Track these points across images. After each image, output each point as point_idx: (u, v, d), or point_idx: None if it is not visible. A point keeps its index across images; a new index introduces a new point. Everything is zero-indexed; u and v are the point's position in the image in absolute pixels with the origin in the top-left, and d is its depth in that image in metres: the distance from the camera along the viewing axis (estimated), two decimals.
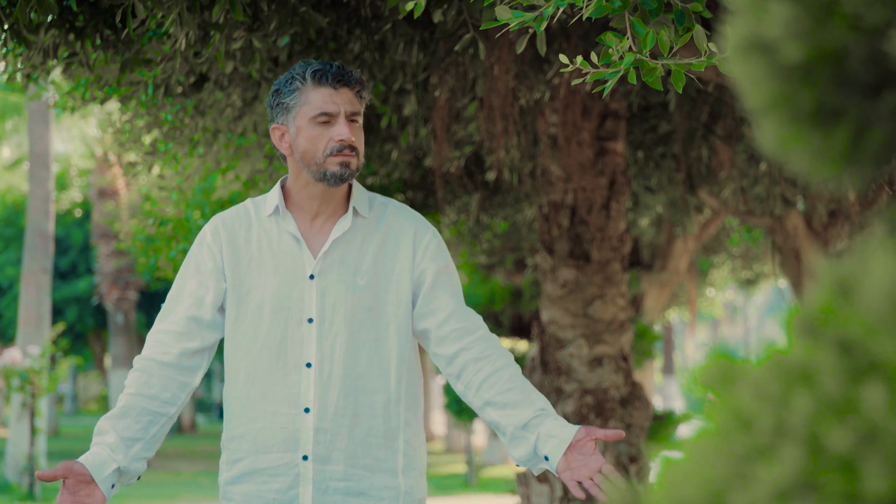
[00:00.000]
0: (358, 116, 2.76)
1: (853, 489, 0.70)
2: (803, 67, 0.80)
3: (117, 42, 4.22)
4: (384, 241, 2.80)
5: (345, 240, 2.79)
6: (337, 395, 2.72)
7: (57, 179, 21.77)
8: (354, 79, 2.77)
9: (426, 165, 6.59)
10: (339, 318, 2.74)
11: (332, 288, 2.75)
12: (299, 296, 2.76)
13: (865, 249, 0.76)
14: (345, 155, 2.72)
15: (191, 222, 8.98)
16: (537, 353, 6.20)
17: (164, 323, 2.81)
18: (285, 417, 2.73)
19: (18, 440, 14.10)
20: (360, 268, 2.77)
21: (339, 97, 2.73)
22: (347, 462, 2.72)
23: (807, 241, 8.61)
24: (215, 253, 2.81)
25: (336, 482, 2.72)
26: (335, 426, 2.72)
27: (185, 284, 2.82)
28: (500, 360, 2.75)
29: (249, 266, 2.80)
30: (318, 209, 2.81)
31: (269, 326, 2.76)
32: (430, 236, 2.84)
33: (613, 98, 6.03)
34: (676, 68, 2.56)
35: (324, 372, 2.73)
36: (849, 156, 0.81)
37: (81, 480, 2.60)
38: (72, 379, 37.28)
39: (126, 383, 2.81)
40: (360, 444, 2.73)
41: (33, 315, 14.94)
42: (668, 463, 0.78)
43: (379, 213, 2.84)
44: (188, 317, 2.78)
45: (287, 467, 2.73)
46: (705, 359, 0.80)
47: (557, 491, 5.97)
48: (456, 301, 2.80)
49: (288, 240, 2.80)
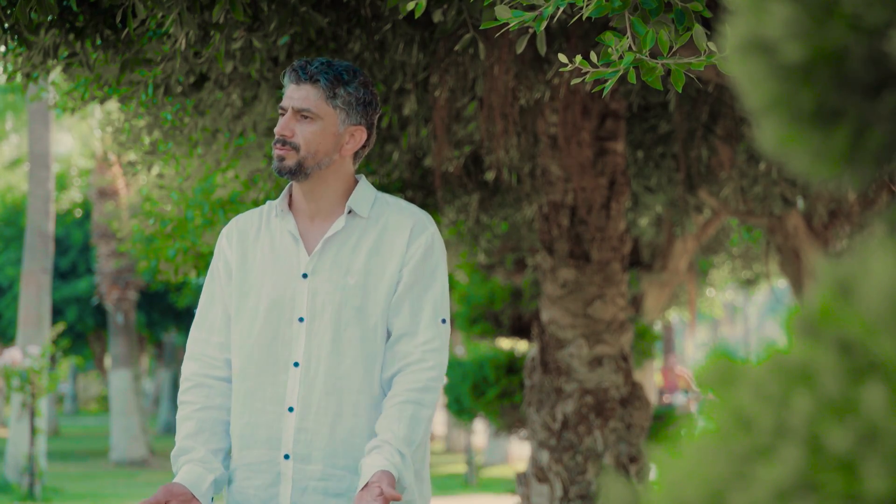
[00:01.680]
0: (309, 113, 2.73)
1: (853, 489, 0.70)
2: (803, 67, 0.80)
3: (117, 42, 4.22)
4: (379, 240, 2.79)
5: (338, 239, 2.79)
6: (319, 394, 2.73)
7: (57, 179, 21.76)
8: (312, 76, 2.74)
9: (426, 165, 6.59)
10: (326, 317, 2.74)
11: (322, 287, 2.76)
12: (292, 295, 2.77)
13: (865, 249, 0.76)
14: (276, 148, 2.75)
15: (190, 222, 8.97)
16: (537, 353, 6.20)
17: (202, 331, 2.86)
18: (270, 415, 2.74)
19: (18, 440, 14.10)
20: (351, 267, 2.76)
21: (297, 92, 2.74)
22: (326, 462, 2.72)
23: (807, 241, 8.61)
24: (227, 256, 2.85)
25: (315, 482, 2.72)
26: (316, 425, 2.72)
27: (213, 290, 2.87)
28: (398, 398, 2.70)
29: (254, 266, 2.82)
30: (310, 207, 2.82)
31: (262, 324, 2.77)
32: (423, 240, 2.79)
33: (613, 98, 6.03)
34: (676, 68, 2.56)
35: (310, 371, 2.74)
36: (849, 156, 0.81)
37: (183, 500, 2.62)
38: (72, 379, 37.26)
39: (186, 399, 2.84)
40: (341, 443, 2.72)
41: (33, 315, 14.93)
42: (668, 463, 0.78)
43: (380, 211, 2.83)
44: (224, 325, 2.84)
45: (269, 464, 2.74)
46: (705, 359, 0.80)
47: (557, 491, 5.98)
48: (413, 322, 2.75)
49: (287, 239, 2.82)
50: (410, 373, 2.72)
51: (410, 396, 2.68)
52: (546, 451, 6.03)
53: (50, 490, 13.90)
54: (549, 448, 6.02)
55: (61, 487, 14.42)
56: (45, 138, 15.50)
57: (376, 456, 2.57)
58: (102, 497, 14.09)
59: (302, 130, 2.74)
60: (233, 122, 5.53)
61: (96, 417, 34.71)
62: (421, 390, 2.70)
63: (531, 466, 6.14)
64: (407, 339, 2.74)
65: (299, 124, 2.74)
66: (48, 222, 15.40)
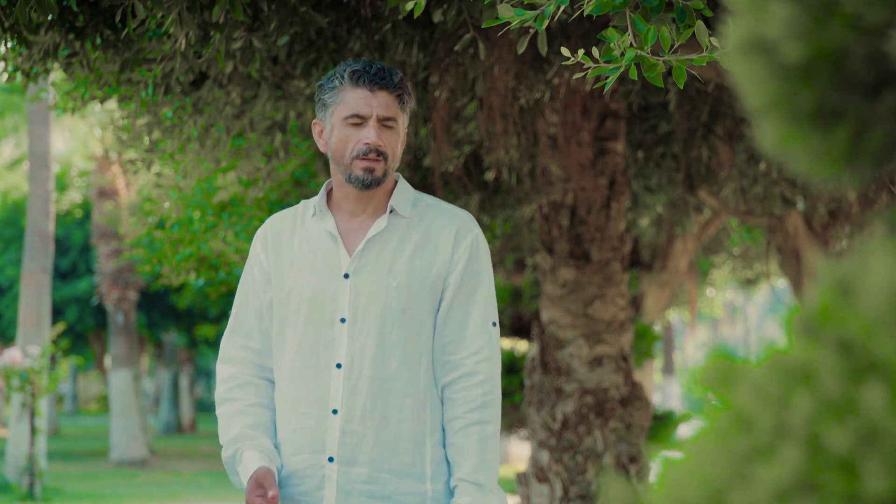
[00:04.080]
0: (392, 122, 2.73)
1: (853, 489, 0.70)
2: (803, 67, 0.80)
3: (117, 42, 4.22)
4: (423, 242, 2.76)
5: (381, 239, 2.75)
6: (365, 397, 2.70)
7: (57, 179, 21.76)
8: (393, 83, 2.73)
9: (426, 165, 6.59)
10: (370, 318, 2.71)
11: (366, 288, 2.72)
12: (333, 295, 2.73)
13: (865, 249, 0.76)
14: (369, 159, 2.70)
15: (190, 224, 8.97)
16: (537, 353, 6.20)
17: (238, 336, 2.83)
18: (315, 419, 2.72)
19: (18, 440, 14.10)
20: (394, 268, 2.73)
21: (374, 100, 2.71)
22: (372, 465, 2.69)
23: (807, 241, 8.61)
24: (262, 261, 2.82)
25: (360, 485, 2.69)
26: (362, 428, 2.70)
27: (247, 294, 2.84)
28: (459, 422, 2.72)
29: (291, 267, 2.79)
30: (354, 208, 2.78)
31: (304, 326, 2.74)
32: (468, 244, 2.77)
33: (613, 98, 6.03)
34: (678, 64, 2.56)
35: (353, 373, 2.71)
36: (849, 156, 0.81)
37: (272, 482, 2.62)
38: (72, 379, 37.26)
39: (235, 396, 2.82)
40: (386, 447, 2.70)
41: (33, 315, 14.93)
42: (668, 463, 0.78)
43: (422, 212, 2.80)
44: (259, 330, 2.82)
45: (314, 468, 2.71)
46: (705, 359, 0.80)
47: (557, 491, 5.98)
48: (460, 329, 2.75)
49: (326, 238, 2.78)
50: (464, 390, 2.72)
51: (471, 418, 2.70)
52: (546, 451, 6.03)
53: (50, 490, 13.90)
54: (549, 448, 6.02)
55: (61, 487, 14.42)
56: (45, 138, 15.50)
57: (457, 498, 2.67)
58: (102, 497, 14.08)
59: (388, 139, 2.73)
60: (231, 121, 5.53)
61: (96, 417, 34.72)
62: (479, 409, 2.71)
63: (531, 466, 6.14)
64: (456, 347, 2.74)
65: (383, 133, 2.72)
66: (48, 222, 15.39)
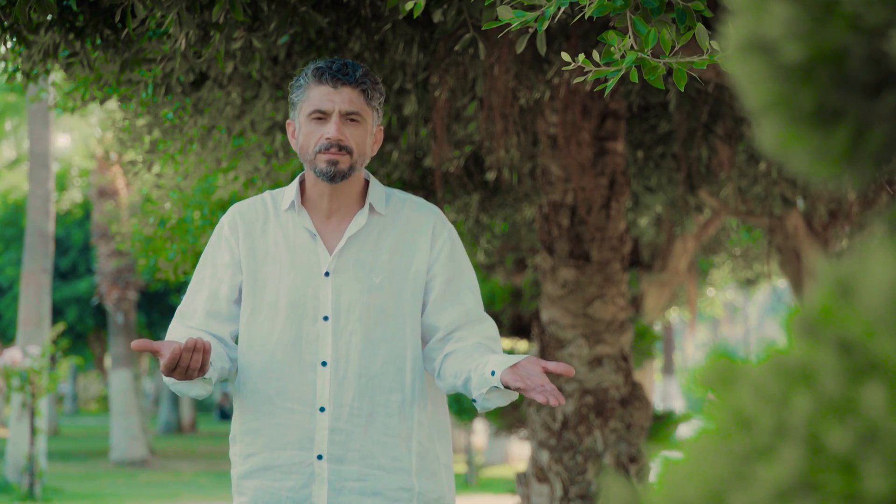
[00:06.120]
0: (357, 116, 2.73)
1: (853, 489, 0.70)
2: (803, 67, 0.80)
3: (117, 42, 4.22)
4: (401, 238, 2.79)
5: (360, 237, 2.78)
6: (352, 394, 2.72)
7: (57, 179, 21.76)
8: (356, 78, 2.74)
9: (426, 165, 6.58)
10: (354, 316, 2.73)
11: (348, 286, 2.75)
12: (314, 293, 2.75)
13: (865, 249, 0.76)
14: (331, 153, 2.71)
15: (190, 223, 8.98)
16: (537, 353, 6.20)
17: (184, 318, 2.81)
18: (301, 416, 2.72)
19: (18, 440, 14.10)
20: (375, 266, 2.76)
21: (337, 95, 2.72)
22: (363, 462, 2.71)
23: (807, 241, 8.61)
24: (232, 245, 2.81)
25: (352, 482, 2.71)
26: (350, 426, 2.72)
27: (203, 279, 2.83)
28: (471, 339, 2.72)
29: (265, 260, 2.79)
30: (329, 206, 2.79)
31: (284, 322, 2.75)
32: (446, 236, 2.82)
33: (613, 98, 6.03)
34: (678, 67, 2.56)
35: (339, 371, 2.72)
36: (849, 156, 0.81)
37: (200, 348, 2.51)
38: (72, 379, 37.26)
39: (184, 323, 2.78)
40: (375, 443, 2.72)
41: (33, 315, 14.93)
42: (668, 463, 0.78)
43: (396, 209, 2.83)
44: (206, 311, 2.79)
45: (301, 465, 2.72)
46: (705, 359, 0.80)
47: (557, 491, 5.98)
48: (460, 314, 2.78)
49: (304, 235, 2.79)
50: (478, 322, 2.77)
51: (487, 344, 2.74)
52: (546, 451, 6.02)
53: (50, 490, 13.90)
54: (549, 448, 6.02)
55: (61, 487, 14.42)
56: (45, 138, 15.50)
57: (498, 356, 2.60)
58: (102, 497, 14.08)
59: (352, 134, 2.73)
60: (232, 121, 5.53)
61: (96, 417, 34.71)
62: (493, 339, 2.77)
63: (531, 466, 6.14)
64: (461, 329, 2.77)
65: (347, 127, 2.73)
66: (48, 222, 15.39)
